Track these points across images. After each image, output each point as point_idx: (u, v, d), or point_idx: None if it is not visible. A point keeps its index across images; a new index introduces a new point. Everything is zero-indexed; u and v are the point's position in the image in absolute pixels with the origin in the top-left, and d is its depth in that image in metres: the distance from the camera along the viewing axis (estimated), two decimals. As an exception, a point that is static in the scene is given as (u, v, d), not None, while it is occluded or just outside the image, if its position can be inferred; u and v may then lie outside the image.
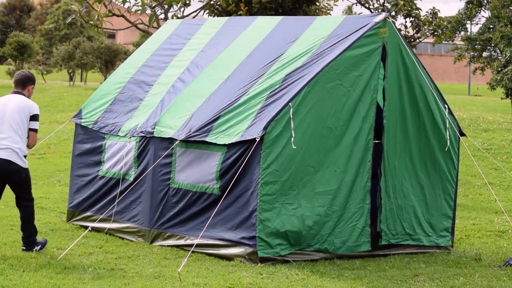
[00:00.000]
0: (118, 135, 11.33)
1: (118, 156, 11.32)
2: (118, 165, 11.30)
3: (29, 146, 9.71)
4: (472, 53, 51.45)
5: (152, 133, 10.80)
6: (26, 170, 9.64)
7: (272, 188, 9.67)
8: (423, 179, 10.92)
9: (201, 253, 10.04)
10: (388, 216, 10.60)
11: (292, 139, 9.78)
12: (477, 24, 56.57)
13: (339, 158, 10.09)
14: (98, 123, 11.76)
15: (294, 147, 9.78)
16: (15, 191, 9.75)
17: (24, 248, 9.78)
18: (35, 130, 9.66)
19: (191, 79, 11.32)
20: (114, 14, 18.08)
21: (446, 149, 11.01)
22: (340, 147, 10.11)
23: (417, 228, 10.87)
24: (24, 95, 9.76)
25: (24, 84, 9.81)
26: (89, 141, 11.89)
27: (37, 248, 9.79)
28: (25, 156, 9.61)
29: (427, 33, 18.05)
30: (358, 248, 10.28)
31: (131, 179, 11.07)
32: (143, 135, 10.93)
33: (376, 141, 10.51)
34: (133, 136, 11.08)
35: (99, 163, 11.65)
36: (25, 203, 9.77)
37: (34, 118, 9.62)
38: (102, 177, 11.59)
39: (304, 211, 9.87)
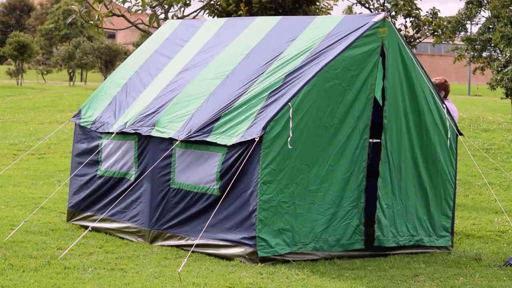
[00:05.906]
0: (109, 131, 11.34)
1: (116, 156, 11.33)
2: (117, 165, 11.32)
3: None
4: (472, 53, 51.43)
5: (150, 132, 10.80)
6: None
7: (271, 187, 9.68)
8: (425, 179, 10.92)
9: (201, 253, 10.05)
10: (396, 217, 10.60)
11: (289, 139, 9.78)
12: (477, 24, 56.55)
13: (332, 156, 10.09)
14: (96, 123, 11.79)
15: (290, 147, 9.78)
16: None
17: None
18: None
19: (190, 79, 11.31)
20: (114, 14, 18.08)
21: (446, 149, 11.02)
22: (333, 145, 10.10)
23: (419, 228, 10.86)
24: None
25: None
26: (87, 141, 11.90)
27: None
28: None
29: (427, 33, 18.04)
30: (351, 246, 10.26)
31: (132, 179, 11.08)
32: (134, 131, 10.95)
33: (375, 140, 10.47)
34: (124, 133, 11.09)
35: (97, 162, 11.66)
36: None
37: None
38: (101, 176, 11.59)
39: (297, 208, 9.88)
